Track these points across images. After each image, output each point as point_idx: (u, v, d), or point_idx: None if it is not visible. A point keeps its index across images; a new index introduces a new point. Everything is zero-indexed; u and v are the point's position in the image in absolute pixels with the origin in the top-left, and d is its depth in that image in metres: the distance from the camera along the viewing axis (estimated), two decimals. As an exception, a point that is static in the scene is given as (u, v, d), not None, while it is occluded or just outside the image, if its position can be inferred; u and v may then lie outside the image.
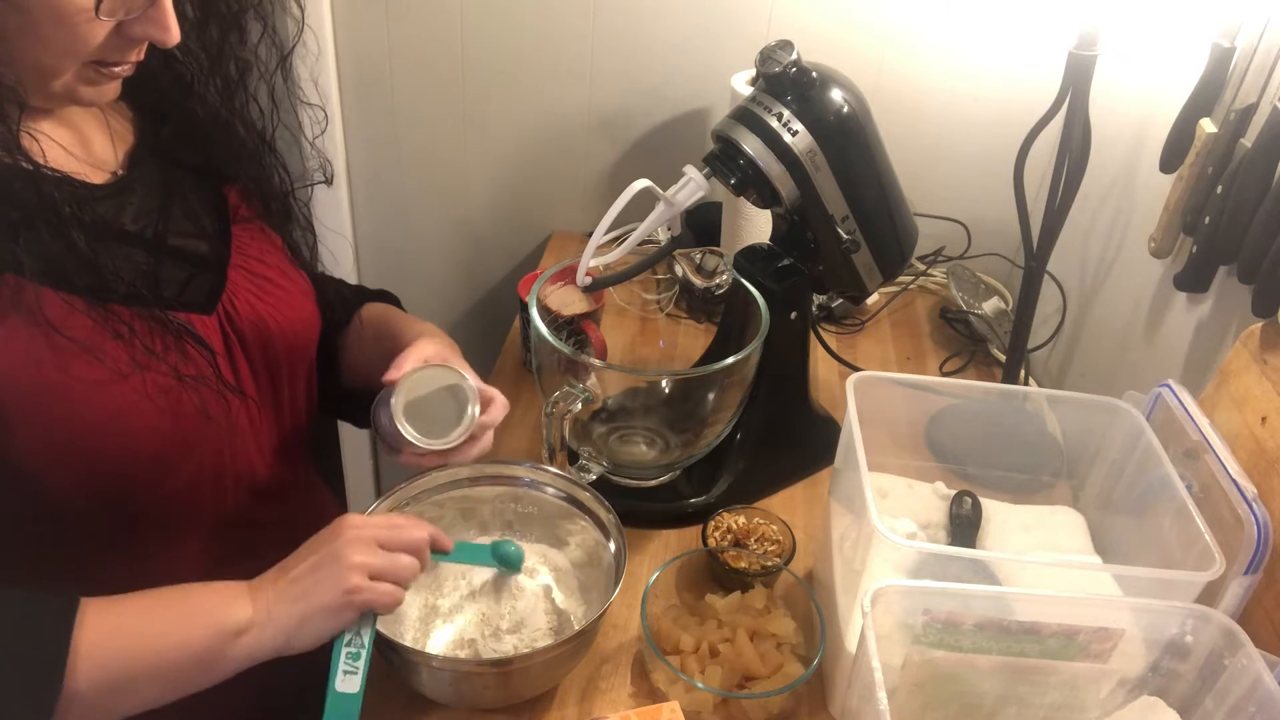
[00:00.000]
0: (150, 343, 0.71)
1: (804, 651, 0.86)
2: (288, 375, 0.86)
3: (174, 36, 0.68)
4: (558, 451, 0.93)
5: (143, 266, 0.75)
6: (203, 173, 0.83)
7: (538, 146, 1.55)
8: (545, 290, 1.00)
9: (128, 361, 0.70)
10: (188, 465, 0.77)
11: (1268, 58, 0.90)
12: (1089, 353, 1.27)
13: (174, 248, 0.78)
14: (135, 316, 0.71)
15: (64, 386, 0.68)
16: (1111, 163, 1.20)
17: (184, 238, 0.79)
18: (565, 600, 0.90)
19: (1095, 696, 0.76)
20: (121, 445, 0.71)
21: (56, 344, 0.67)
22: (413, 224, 1.66)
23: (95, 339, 0.69)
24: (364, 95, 1.53)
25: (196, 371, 0.75)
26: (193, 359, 0.75)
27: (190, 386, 0.74)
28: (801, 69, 0.90)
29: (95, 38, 0.65)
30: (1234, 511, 0.77)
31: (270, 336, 0.82)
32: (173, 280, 0.77)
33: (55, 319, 0.67)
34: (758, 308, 0.97)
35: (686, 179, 0.94)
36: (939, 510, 0.96)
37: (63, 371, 0.67)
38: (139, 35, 0.67)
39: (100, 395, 0.69)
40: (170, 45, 0.69)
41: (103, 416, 0.70)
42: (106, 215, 0.74)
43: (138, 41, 0.68)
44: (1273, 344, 0.83)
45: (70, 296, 0.68)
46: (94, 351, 0.69)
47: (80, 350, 0.68)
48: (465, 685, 0.81)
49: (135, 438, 0.72)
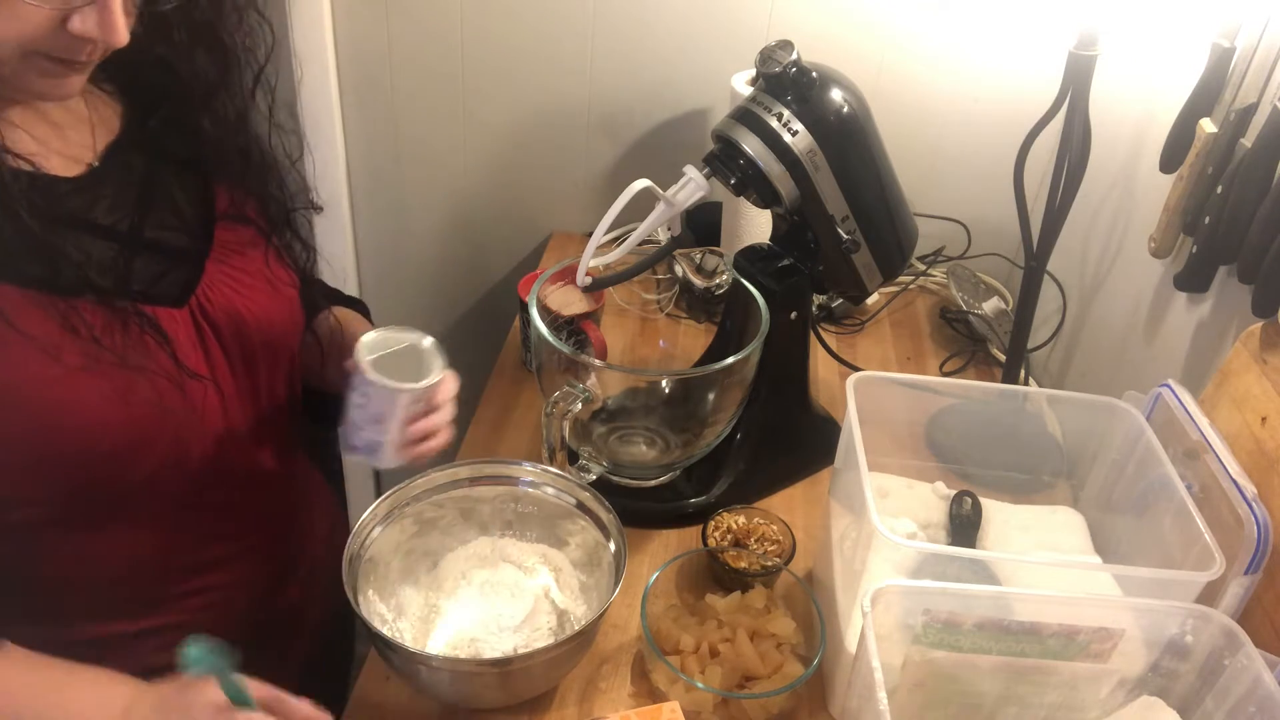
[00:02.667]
0: (106, 335, 0.70)
1: (804, 651, 0.86)
2: (266, 367, 0.85)
3: (120, 38, 0.64)
4: (558, 451, 0.93)
5: (113, 259, 0.73)
6: (189, 165, 0.82)
7: (538, 146, 1.55)
8: (545, 290, 1.00)
9: (79, 355, 0.69)
10: (147, 457, 0.76)
11: (1268, 58, 0.90)
12: (1089, 353, 1.27)
13: (150, 240, 0.77)
14: (95, 310, 0.70)
15: (15, 385, 0.67)
16: (1111, 163, 1.20)
17: (162, 230, 0.78)
18: (565, 600, 0.90)
19: (1095, 696, 0.76)
20: (74, 440, 0.71)
21: (8, 340, 0.66)
22: (413, 224, 1.66)
23: (50, 334, 0.68)
24: (364, 94, 1.53)
25: (155, 364, 0.73)
26: (149, 349, 0.73)
27: (146, 377, 0.72)
28: (801, 69, 0.90)
29: (32, 24, 0.61)
30: (1234, 511, 0.77)
31: (246, 328, 0.81)
32: (145, 274, 0.76)
33: (10, 314, 0.66)
34: (758, 308, 0.97)
35: (686, 179, 0.94)
36: (939, 510, 0.96)
37: (15, 369, 0.67)
38: (79, 31, 0.62)
39: (52, 392, 0.68)
40: (116, 46, 0.64)
41: (55, 414, 0.69)
42: (77, 207, 0.72)
43: (84, 39, 0.63)
44: (1273, 344, 0.83)
45: (25, 291, 0.67)
46: (48, 348, 0.68)
47: (34, 348, 0.67)
48: (465, 685, 0.81)
49: (89, 433, 0.71)
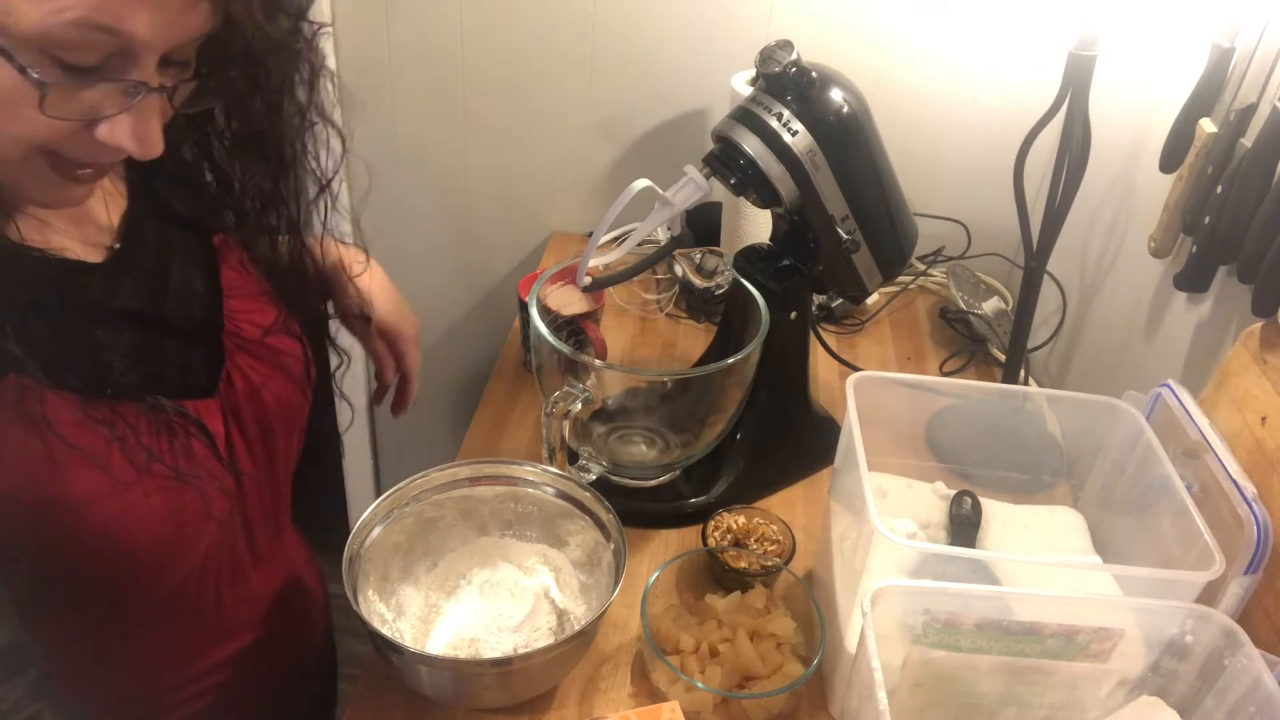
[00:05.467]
0: (153, 442, 0.64)
1: (804, 651, 0.86)
2: (283, 445, 0.81)
3: (155, 150, 0.56)
4: (558, 451, 0.93)
5: (141, 349, 0.67)
6: (193, 224, 0.75)
7: (537, 146, 1.55)
8: (545, 290, 1.00)
9: (128, 467, 0.63)
10: (184, 564, 0.73)
11: (1268, 58, 0.90)
12: (1089, 353, 1.27)
13: (171, 321, 0.71)
14: (138, 413, 0.64)
15: (60, 503, 0.61)
16: (1111, 163, 1.20)
17: (181, 303, 0.72)
18: (565, 600, 0.90)
19: (1095, 696, 0.76)
20: (118, 554, 0.66)
21: (56, 454, 0.60)
22: (413, 224, 1.66)
23: (96, 445, 0.62)
24: (364, 95, 1.53)
25: (199, 468, 0.68)
26: (196, 456, 0.68)
27: (193, 485, 0.67)
28: (801, 69, 0.90)
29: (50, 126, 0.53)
30: (1234, 511, 0.77)
31: (266, 410, 0.77)
32: (173, 359, 0.70)
33: (56, 424, 0.60)
34: (758, 308, 0.97)
35: (686, 179, 0.94)
36: (939, 510, 0.96)
37: (60, 485, 0.61)
38: (108, 139, 0.55)
39: (100, 508, 0.63)
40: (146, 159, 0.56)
41: (102, 529, 0.64)
42: (99, 296, 0.66)
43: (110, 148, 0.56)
44: (1273, 344, 0.83)
45: (68, 395, 0.61)
46: (95, 459, 0.61)
47: (81, 459, 0.61)
48: (465, 685, 0.81)
49: (134, 545, 0.66)
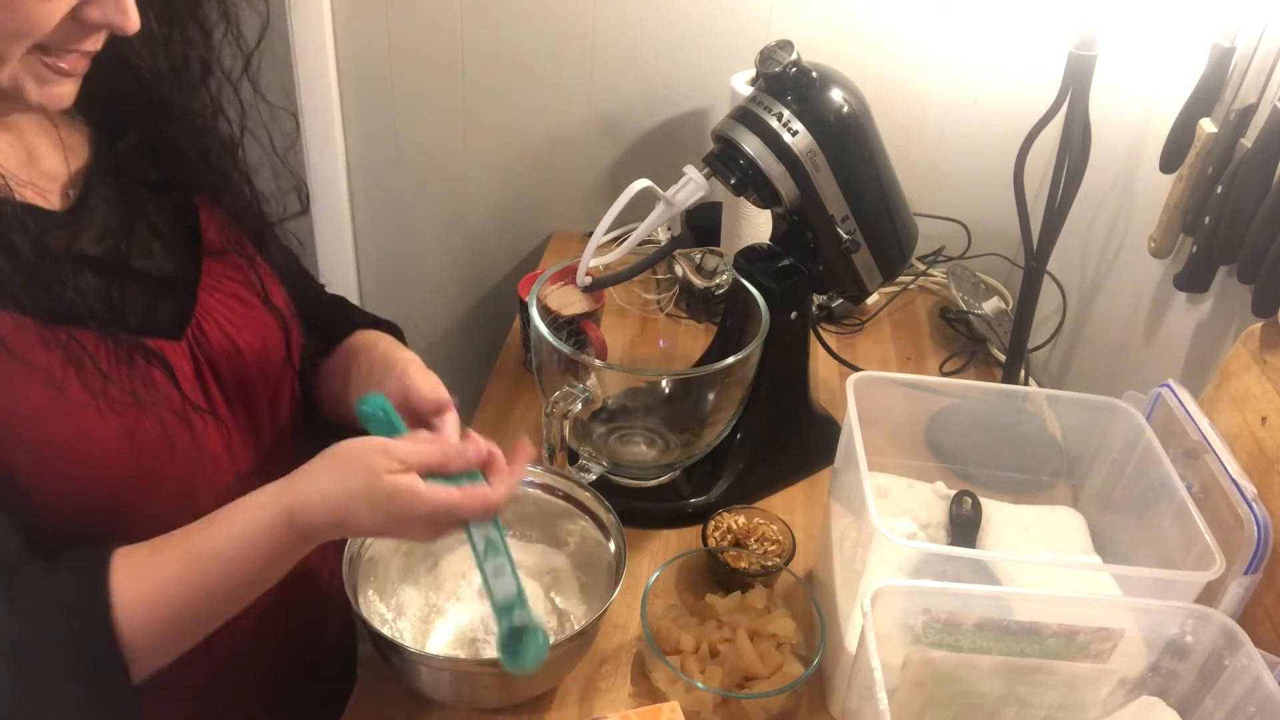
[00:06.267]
0: (112, 369, 0.66)
1: (804, 651, 0.86)
2: (267, 399, 0.81)
3: (134, 23, 0.63)
4: (558, 451, 0.93)
5: (103, 292, 0.69)
6: (166, 188, 0.78)
7: (538, 146, 1.55)
8: (545, 290, 1.00)
9: (84, 390, 0.65)
10: (153, 500, 0.71)
11: (1268, 58, 0.90)
12: (1089, 353, 1.27)
13: (137, 271, 0.73)
14: (97, 343, 0.66)
15: (15, 416, 0.63)
16: (1111, 163, 1.20)
17: (148, 259, 0.74)
18: (565, 600, 0.90)
19: (1095, 696, 0.76)
20: (76, 479, 0.66)
21: (8, 370, 0.62)
22: (413, 224, 1.66)
23: (53, 366, 0.64)
24: (364, 95, 1.53)
25: (162, 400, 0.70)
26: (157, 385, 0.70)
27: (152, 412, 0.69)
28: (801, 69, 0.90)
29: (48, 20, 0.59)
30: (1234, 511, 0.77)
31: (243, 360, 0.78)
32: (137, 305, 0.72)
33: (10, 343, 0.62)
34: (758, 308, 0.97)
35: (686, 179, 0.94)
36: (939, 510, 0.96)
37: (15, 401, 0.62)
38: (97, 20, 0.61)
39: (54, 424, 0.64)
40: (130, 32, 0.63)
41: (56, 447, 0.65)
42: (62, 240, 0.68)
43: (94, 28, 0.62)
44: (1273, 344, 0.82)
45: (22, 318, 0.63)
46: (51, 380, 0.63)
47: (38, 378, 0.63)
48: (465, 685, 0.81)
49: (91, 469, 0.66)
